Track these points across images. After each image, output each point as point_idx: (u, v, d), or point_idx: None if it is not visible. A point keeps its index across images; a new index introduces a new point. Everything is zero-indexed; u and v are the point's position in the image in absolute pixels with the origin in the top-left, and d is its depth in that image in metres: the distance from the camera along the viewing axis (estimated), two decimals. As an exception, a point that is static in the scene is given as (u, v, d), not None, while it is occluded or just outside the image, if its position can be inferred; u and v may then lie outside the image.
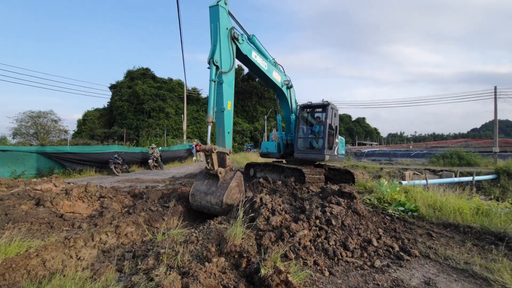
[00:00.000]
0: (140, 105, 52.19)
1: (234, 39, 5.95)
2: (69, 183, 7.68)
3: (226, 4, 5.73)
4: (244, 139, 54.67)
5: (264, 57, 7.46)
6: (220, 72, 5.50)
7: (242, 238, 3.04)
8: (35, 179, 8.16)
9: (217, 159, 5.08)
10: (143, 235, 4.06)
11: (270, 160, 9.67)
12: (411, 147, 50.33)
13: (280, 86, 8.23)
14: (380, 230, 3.79)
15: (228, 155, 5.47)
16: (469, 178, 13.91)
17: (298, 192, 6.38)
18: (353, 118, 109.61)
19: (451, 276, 2.77)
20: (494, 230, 3.98)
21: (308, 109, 8.96)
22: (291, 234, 3.34)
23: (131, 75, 58.24)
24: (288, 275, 2.32)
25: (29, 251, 2.91)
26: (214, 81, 5.37)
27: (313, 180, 7.78)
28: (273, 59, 8.07)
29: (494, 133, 25.51)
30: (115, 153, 13.07)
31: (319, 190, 5.60)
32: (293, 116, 9.05)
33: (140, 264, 2.74)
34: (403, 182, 9.35)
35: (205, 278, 2.30)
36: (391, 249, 3.35)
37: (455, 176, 14.87)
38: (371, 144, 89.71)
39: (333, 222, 3.62)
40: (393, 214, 4.83)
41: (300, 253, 3.07)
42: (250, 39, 7.18)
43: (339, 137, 9.34)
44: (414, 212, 4.93)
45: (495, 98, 25.36)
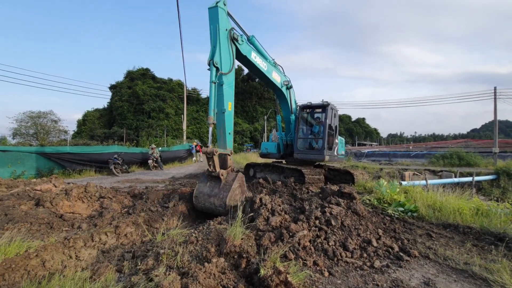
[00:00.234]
0: (140, 106, 52.22)
1: (233, 40, 5.95)
2: (68, 183, 7.68)
3: (225, 5, 5.73)
4: (244, 139, 54.67)
5: (264, 57, 7.46)
6: (220, 74, 5.51)
7: (242, 239, 3.04)
8: (34, 180, 8.16)
9: (218, 161, 5.15)
10: (143, 235, 4.07)
11: (270, 161, 9.67)
12: (411, 147, 50.36)
13: (279, 86, 8.23)
14: (379, 230, 3.79)
15: (230, 155, 5.54)
16: (469, 179, 13.92)
17: (297, 193, 6.38)
18: (353, 119, 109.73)
19: (451, 277, 2.77)
20: (493, 230, 3.98)
21: (307, 110, 8.97)
22: (291, 234, 3.34)
23: (131, 76, 58.30)
24: (288, 275, 2.32)
25: (29, 251, 2.91)
26: (215, 83, 5.39)
27: (312, 180, 7.79)
28: (273, 59, 8.07)
29: (494, 134, 25.53)
30: (115, 154, 13.08)
31: (319, 190, 5.60)
32: (292, 117, 9.05)
33: (139, 264, 2.74)
34: (403, 182, 9.36)
35: (205, 278, 2.30)
36: (390, 249, 3.35)
37: (455, 177, 14.88)
38: (371, 145, 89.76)
39: (333, 223, 3.63)
40: (392, 214, 4.83)
41: (299, 253, 3.07)
42: (250, 40, 7.18)
43: (339, 137, 9.34)
44: (413, 213, 4.93)
45: (495, 98, 25.38)
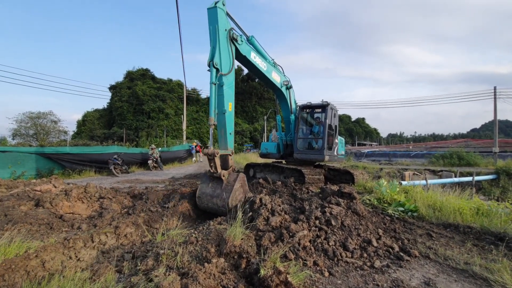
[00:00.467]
0: (140, 106, 52.25)
1: (233, 40, 5.95)
2: (68, 183, 7.67)
3: (224, 5, 5.73)
4: (244, 139, 54.68)
5: (263, 57, 7.46)
6: (220, 75, 5.53)
7: (242, 239, 3.04)
8: (34, 180, 8.16)
9: (219, 162, 5.24)
10: (143, 235, 4.06)
11: (269, 161, 9.66)
12: (410, 147, 50.38)
13: (279, 86, 8.23)
14: (380, 230, 3.79)
15: (231, 155, 5.61)
16: (469, 178, 13.92)
17: (297, 193, 6.37)
18: (353, 119, 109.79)
19: (451, 277, 2.77)
20: (494, 230, 3.98)
21: (307, 110, 8.96)
22: (291, 234, 3.34)
23: (130, 76, 58.34)
24: (288, 275, 2.32)
25: (29, 252, 2.90)
26: (215, 84, 5.40)
27: (312, 180, 7.78)
28: (273, 59, 8.06)
29: (494, 133, 25.54)
30: (115, 154, 13.07)
31: (319, 190, 5.60)
32: (292, 117, 9.04)
33: (139, 265, 2.74)
34: (403, 182, 9.36)
35: (205, 278, 2.30)
36: (391, 249, 3.34)
37: (455, 176, 14.88)
38: (371, 145, 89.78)
39: (333, 223, 3.62)
40: (393, 214, 4.83)
41: (299, 253, 3.07)
42: (249, 40, 7.18)
43: (339, 137, 9.33)
44: (414, 213, 4.93)
45: (494, 98, 25.39)
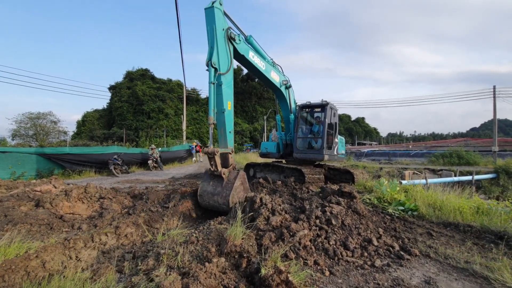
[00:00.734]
0: (140, 106, 52.22)
1: (230, 39, 5.96)
2: (68, 184, 7.67)
3: (221, 4, 5.74)
4: (244, 139, 54.68)
5: (262, 57, 7.45)
6: (219, 74, 5.56)
7: (242, 238, 3.04)
8: (34, 180, 8.15)
9: (220, 160, 5.28)
10: (143, 235, 4.06)
11: (269, 160, 9.65)
12: (410, 146, 50.42)
13: (278, 86, 8.23)
14: (380, 229, 3.79)
15: (231, 154, 5.65)
16: (469, 178, 13.94)
17: (298, 192, 6.37)
18: (353, 118, 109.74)
19: (452, 275, 2.77)
20: (494, 229, 3.98)
21: (307, 109, 8.96)
22: (291, 234, 3.34)
23: (130, 76, 58.32)
24: (289, 275, 2.32)
25: (29, 252, 2.90)
26: (213, 83, 5.44)
27: (312, 180, 7.78)
28: (271, 59, 8.06)
29: (493, 132, 25.56)
30: (115, 154, 13.06)
31: (319, 190, 5.60)
32: (292, 116, 9.04)
33: (140, 264, 2.74)
34: (403, 181, 9.36)
35: (205, 278, 2.30)
36: (391, 248, 3.35)
37: (455, 176, 14.90)
38: (371, 144, 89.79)
39: (333, 222, 3.62)
40: (393, 213, 4.83)
41: (300, 253, 3.07)
42: (248, 40, 7.17)
43: (339, 137, 9.33)
44: (414, 212, 4.93)
45: (494, 97, 25.42)
